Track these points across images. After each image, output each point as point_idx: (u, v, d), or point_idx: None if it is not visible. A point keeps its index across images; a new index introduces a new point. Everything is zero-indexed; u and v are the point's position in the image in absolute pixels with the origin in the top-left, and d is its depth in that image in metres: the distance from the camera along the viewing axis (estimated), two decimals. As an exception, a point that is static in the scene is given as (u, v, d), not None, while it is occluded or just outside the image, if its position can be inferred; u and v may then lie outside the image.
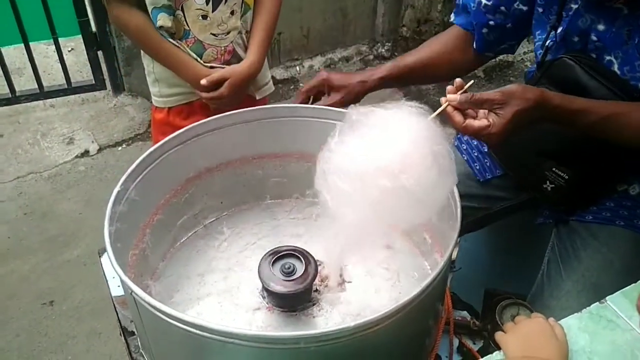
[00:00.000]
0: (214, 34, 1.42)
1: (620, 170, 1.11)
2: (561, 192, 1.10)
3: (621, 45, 0.99)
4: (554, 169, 1.08)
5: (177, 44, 1.40)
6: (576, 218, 1.15)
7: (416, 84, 1.46)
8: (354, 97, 1.23)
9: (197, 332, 0.76)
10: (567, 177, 1.07)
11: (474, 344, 1.04)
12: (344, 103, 1.20)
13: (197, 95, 1.46)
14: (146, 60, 1.50)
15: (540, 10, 1.11)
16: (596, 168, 1.08)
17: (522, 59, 3.50)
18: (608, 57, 1.02)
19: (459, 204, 0.94)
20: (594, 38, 1.02)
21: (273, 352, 0.76)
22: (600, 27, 1.01)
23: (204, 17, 1.39)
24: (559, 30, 1.06)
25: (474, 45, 1.25)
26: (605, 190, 1.13)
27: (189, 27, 1.40)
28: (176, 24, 1.39)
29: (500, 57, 3.48)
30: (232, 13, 1.41)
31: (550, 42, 1.09)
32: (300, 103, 1.21)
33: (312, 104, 1.23)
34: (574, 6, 1.03)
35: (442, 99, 0.95)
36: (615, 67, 1.01)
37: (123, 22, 1.40)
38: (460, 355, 1.03)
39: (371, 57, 3.46)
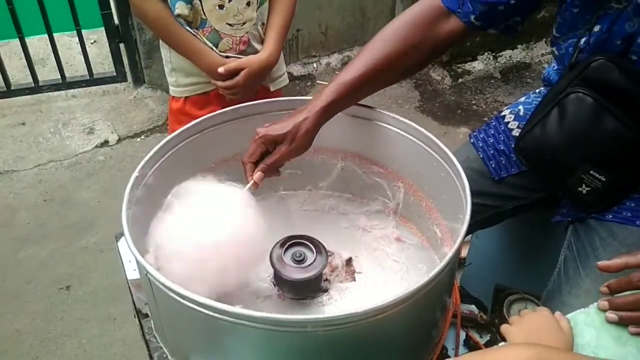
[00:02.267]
0: (229, 24, 1.44)
1: None
2: (597, 195, 1.08)
3: None
4: (591, 172, 1.07)
5: (194, 33, 1.43)
6: (595, 216, 1.14)
7: (377, 90, 1.15)
8: (301, 139, 1.03)
9: (209, 313, 0.78)
10: (604, 180, 1.06)
11: (481, 337, 1.05)
12: (293, 150, 1.04)
13: (213, 85, 1.49)
14: (164, 50, 1.53)
15: (576, 10, 1.07)
16: (634, 169, 1.07)
17: (539, 60, 3.48)
18: None
19: (469, 198, 0.95)
20: None
21: (281, 334, 0.78)
22: None
23: (221, 7, 1.42)
24: (596, 29, 1.04)
25: (472, 19, 1.09)
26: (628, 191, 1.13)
27: (205, 16, 1.42)
28: (193, 13, 1.42)
29: (518, 58, 3.48)
30: (248, 4, 1.44)
31: (584, 42, 1.06)
32: (249, 174, 1.04)
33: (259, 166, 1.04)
34: (617, 5, 1.00)
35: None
36: None
37: (143, 9, 1.43)
38: (466, 348, 1.03)
39: (389, 55, 3.47)
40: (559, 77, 1.18)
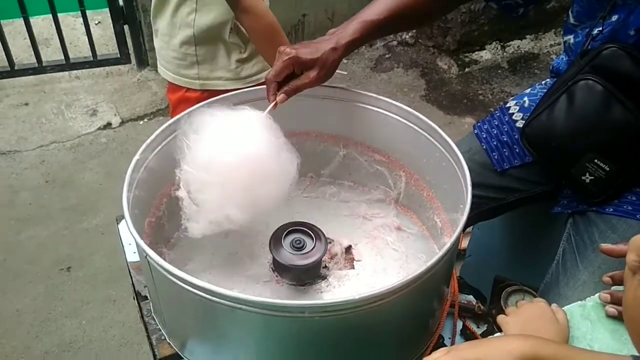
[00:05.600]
0: None
1: None
2: (600, 184, 1.09)
3: None
4: (595, 161, 1.07)
5: None
6: (595, 209, 1.14)
7: (395, 33, 1.25)
8: (329, 69, 1.05)
9: (207, 296, 0.78)
10: (607, 169, 1.06)
11: (478, 327, 1.05)
12: (321, 78, 1.05)
13: (236, 84, 1.53)
14: (185, 46, 1.54)
15: None
16: (638, 160, 1.07)
17: (547, 51, 3.45)
18: None
19: (469, 188, 0.95)
20: None
21: (278, 319, 0.78)
22: None
23: None
24: (613, 19, 1.03)
25: None
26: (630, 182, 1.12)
27: None
28: None
29: (526, 48, 3.45)
30: None
31: (597, 31, 1.05)
32: (271, 93, 1.04)
33: (282, 87, 1.05)
34: None
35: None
36: None
37: (258, 13, 1.41)
38: (463, 338, 1.04)
39: (395, 42, 3.45)
40: (569, 65, 1.17)
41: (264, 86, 1.07)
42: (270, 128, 1.00)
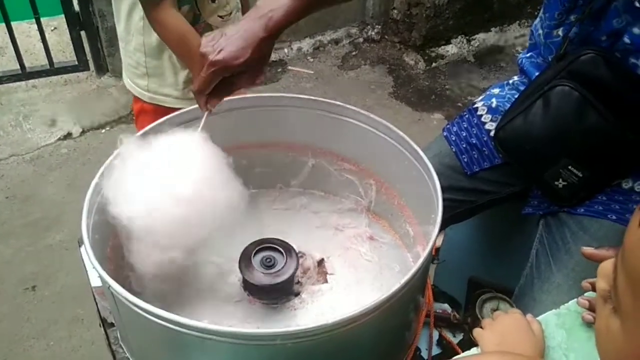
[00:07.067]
0: (220, 16, 1.46)
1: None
2: (572, 190, 1.09)
3: None
4: (569, 167, 1.07)
5: None
6: (566, 210, 1.14)
7: (332, 6, 1.07)
8: (262, 65, 0.94)
9: (174, 327, 0.75)
10: (580, 176, 1.07)
11: (454, 336, 1.05)
12: (254, 79, 0.95)
13: (185, 105, 1.48)
14: (138, 54, 1.49)
15: None
16: (610, 167, 1.07)
17: (513, 43, 3.48)
18: (633, 60, 1.00)
19: (440, 198, 0.93)
20: (627, 40, 0.99)
21: (250, 348, 0.75)
22: (636, 30, 0.97)
23: (213, 0, 1.43)
24: (585, 22, 1.03)
25: None
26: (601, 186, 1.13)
27: (199, 11, 1.43)
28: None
29: (491, 41, 3.48)
30: None
31: (573, 34, 1.05)
32: (203, 103, 0.96)
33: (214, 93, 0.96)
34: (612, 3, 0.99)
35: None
36: None
37: (163, 21, 1.36)
38: (440, 348, 1.03)
39: (361, 39, 3.43)
40: (545, 67, 1.16)
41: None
42: (207, 150, 0.93)
